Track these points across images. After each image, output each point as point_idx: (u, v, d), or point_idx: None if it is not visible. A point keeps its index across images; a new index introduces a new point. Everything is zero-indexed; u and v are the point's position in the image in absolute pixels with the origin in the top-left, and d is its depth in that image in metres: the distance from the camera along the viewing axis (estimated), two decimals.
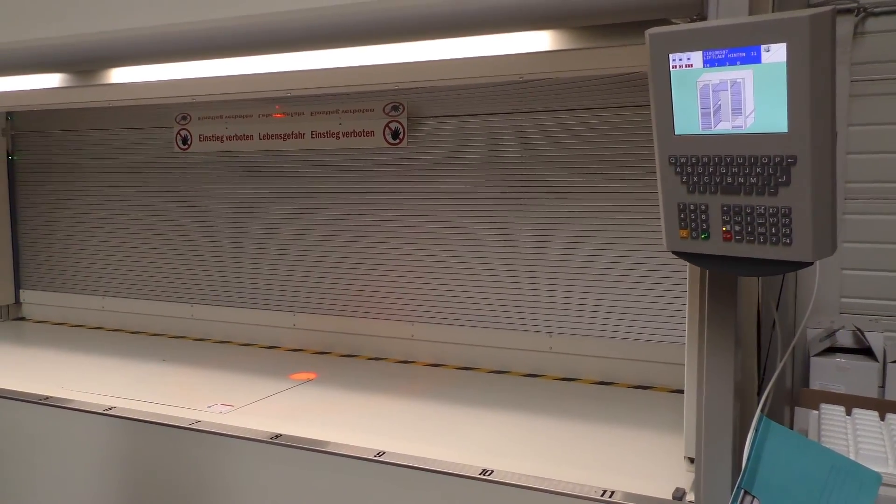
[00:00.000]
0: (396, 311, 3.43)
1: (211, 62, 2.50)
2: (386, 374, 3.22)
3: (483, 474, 2.04)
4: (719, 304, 1.71)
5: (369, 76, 2.88)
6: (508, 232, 3.18)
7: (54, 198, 4.30)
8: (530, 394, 2.92)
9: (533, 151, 3.10)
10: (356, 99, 3.36)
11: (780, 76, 1.32)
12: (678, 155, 1.49)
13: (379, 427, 2.52)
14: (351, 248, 3.50)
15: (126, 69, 2.68)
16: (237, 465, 2.34)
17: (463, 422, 2.59)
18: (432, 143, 3.29)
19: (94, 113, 4.03)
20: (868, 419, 2.13)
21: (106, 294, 4.16)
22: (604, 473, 2.11)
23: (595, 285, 3.05)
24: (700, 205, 1.49)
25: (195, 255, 3.90)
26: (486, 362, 3.27)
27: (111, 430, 2.56)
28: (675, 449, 2.18)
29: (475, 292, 3.26)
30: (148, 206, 4.01)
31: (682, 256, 1.58)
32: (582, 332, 3.08)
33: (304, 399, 2.85)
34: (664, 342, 2.93)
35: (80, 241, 4.24)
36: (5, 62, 2.71)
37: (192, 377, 3.15)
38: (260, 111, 3.58)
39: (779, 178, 1.37)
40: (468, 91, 3.18)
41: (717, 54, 1.38)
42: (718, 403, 1.74)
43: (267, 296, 3.72)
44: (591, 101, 2.97)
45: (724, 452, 1.75)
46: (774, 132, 1.36)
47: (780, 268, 1.46)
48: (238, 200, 3.76)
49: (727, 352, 1.72)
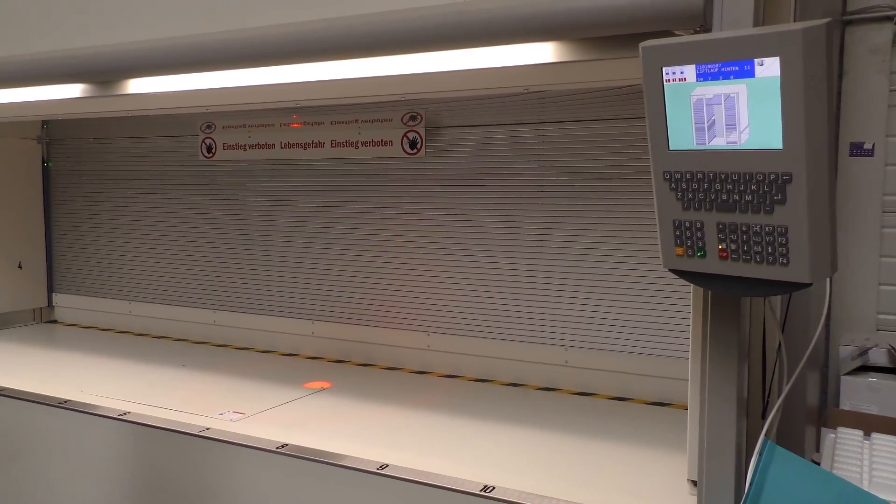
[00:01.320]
0: (413, 321, 3.42)
1: (232, 72, 2.52)
2: (400, 385, 3.21)
3: (484, 491, 2.02)
4: (722, 323, 1.66)
5: (382, 86, 2.89)
6: (525, 243, 3.15)
7: (86, 204, 4.41)
8: (544, 408, 2.88)
9: (550, 162, 3.07)
10: (375, 109, 3.37)
11: (774, 91, 1.27)
12: (673, 171, 1.45)
13: (387, 439, 2.51)
14: (368, 257, 3.51)
15: (149, 79, 2.72)
16: (243, 473, 2.35)
17: (473, 435, 2.57)
18: (450, 153, 3.28)
19: (124, 121, 4.11)
20: (886, 444, 2.04)
21: (133, 299, 4.25)
22: (606, 493, 2.07)
23: (612, 299, 3.00)
24: (695, 222, 1.45)
25: (218, 262, 3.95)
26: (502, 374, 3.23)
27: (124, 434, 2.60)
28: (684, 470, 2.13)
29: (491, 303, 3.24)
30: (174, 213, 4.08)
31: (679, 275, 1.54)
32: (598, 347, 3.03)
33: (316, 408, 2.85)
34: (682, 358, 2.85)
35: (109, 246, 4.34)
36: (39, 72, 2.78)
37: (209, 383, 3.19)
38: (281, 120, 3.62)
39: (774, 196, 1.32)
40: (486, 101, 3.17)
41: (711, 68, 1.34)
42: (721, 424, 1.69)
43: (286, 304, 3.75)
44: (608, 112, 2.93)
45: (727, 476, 1.70)
46: (769, 148, 1.31)
47: (778, 288, 1.41)
48: (260, 209, 3.80)
49: (730, 372, 1.66)
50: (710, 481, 1.72)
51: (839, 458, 1.97)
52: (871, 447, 2.03)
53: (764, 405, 1.90)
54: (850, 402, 2.78)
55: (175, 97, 3.06)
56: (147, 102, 3.25)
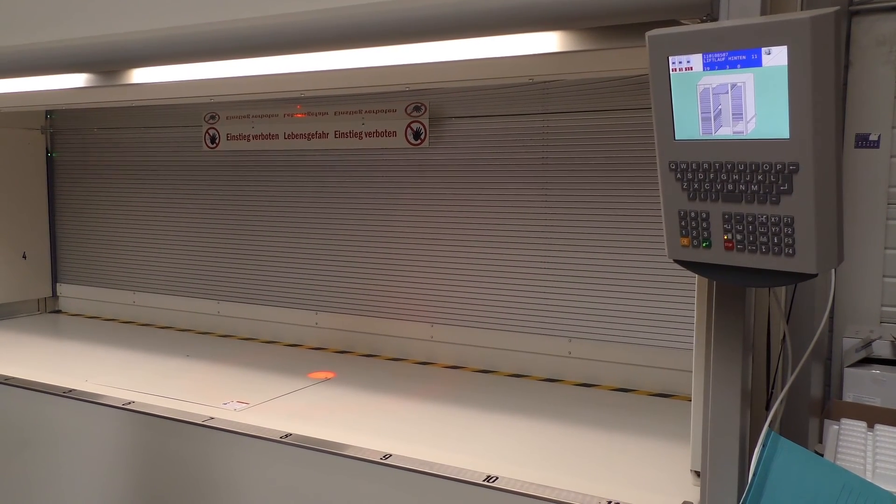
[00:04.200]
0: (417, 311, 3.42)
1: (236, 62, 2.52)
2: (404, 375, 3.22)
3: (487, 481, 2.02)
4: (727, 314, 1.65)
5: (386, 77, 2.88)
6: (529, 234, 3.14)
7: (90, 194, 4.41)
8: (547, 399, 2.88)
9: (554, 153, 3.06)
10: (379, 99, 3.36)
11: (782, 80, 1.26)
12: (678, 161, 1.44)
13: (391, 429, 2.52)
14: (372, 248, 3.51)
15: (153, 69, 2.72)
16: (246, 462, 2.36)
17: (477, 426, 2.57)
18: (454, 144, 3.27)
19: (127, 112, 4.11)
20: (889, 436, 2.04)
21: (137, 289, 4.25)
22: (611, 484, 2.07)
23: (616, 290, 3.00)
24: (701, 212, 1.45)
25: (222, 252, 3.95)
26: (506, 365, 3.24)
27: (128, 424, 2.61)
28: (688, 461, 2.13)
29: (495, 294, 3.24)
30: (178, 203, 4.08)
31: (684, 265, 1.54)
32: (602, 338, 3.03)
33: (320, 398, 2.86)
34: (686, 349, 2.85)
35: (113, 236, 4.34)
36: (43, 61, 2.78)
37: (213, 373, 3.19)
38: (285, 111, 3.61)
39: (780, 187, 1.32)
40: (490, 92, 3.15)
41: (717, 57, 1.33)
42: (724, 416, 1.69)
43: (290, 294, 3.76)
44: (614, 102, 2.91)
45: (731, 467, 1.70)
46: (776, 138, 1.30)
47: (784, 279, 1.40)
48: (264, 199, 3.80)
49: (734, 363, 1.66)
50: (714, 472, 1.72)
51: (842, 449, 1.97)
52: (875, 439, 2.03)
53: (768, 396, 1.90)
54: (853, 394, 2.78)
55: (179, 87, 3.06)
56: (151, 92, 3.25)
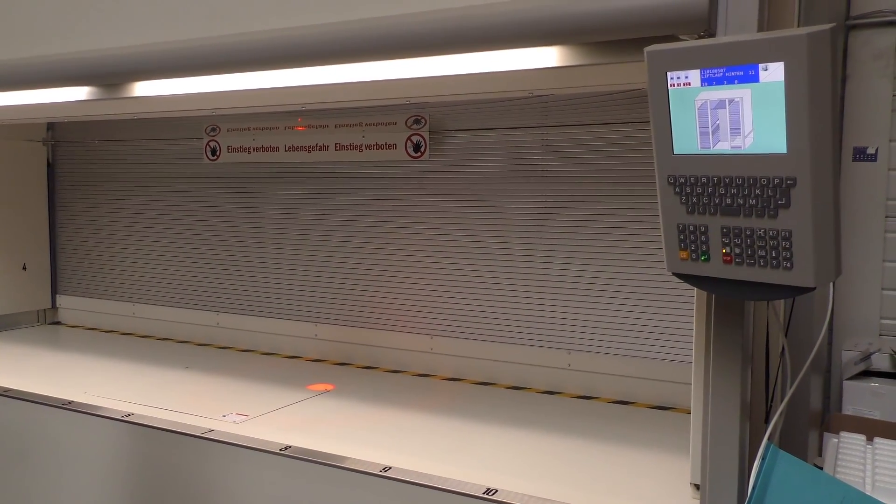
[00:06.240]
0: (416, 323, 3.42)
1: (237, 76, 2.53)
2: (403, 387, 3.22)
3: (487, 493, 2.02)
4: (726, 327, 1.66)
5: (386, 90, 2.89)
6: (529, 246, 3.15)
7: (90, 206, 4.42)
8: (547, 411, 2.88)
9: (554, 166, 3.07)
10: (379, 112, 3.38)
11: (779, 96, 1.28)
12: (677, 175, 1.46)
13: (390, 441, 2.51)
14: (372, 260, 3.52)
15: (154, 82, 2.74)
16: (245, 474, 2.36)
17: (476, 438, 2.57)
18: (453, 157, 3.28)
19: (128, 124, 4.13)
20: (889, 449, 2.04)
21: (137, 301, 4.25)
22: (611, 496, 2.07)
23: (615, 302, 3.00)
24: (700, 226, 1.46)
25: (221, 264, 3.96)
26: (505, 377, 3.24)
27: (128, 436, 2.61)
28: (687, 474, 2.13)
29: (494, 307, 3.24)
30: (178, 215, 4.09)
31: (682, 278, 1.55)
32: (601, 350, 3.03)
33: (320, 410, 2.86)
34: (685, 362, 2.86)
35: (113, 248, 4.35)
36: (45, 74, 2.80)
37: (212, 385, 3.19)
38: (285, 124, 3.63)
39: (778, 201, 1.33)
40: (489, 105, 3.17)
41: (715, 73, 1.35)
42: (724, 428, 1.69)
43: (290, 306, 3.76)
44: (613, 116, 2.93)
45: (730, 480, 1.70)
46: (773, 153, 1.32)
47: (782, 292, 1.41)
48: (264, 211, 3.81)
49: (733, 375, 1.67)
50: (713, 485, 1.72)
51: (842, 462, 1.97)
52: (874, 452, 2.04)
53: (767, 409, 1.91)
54: (852, 407, 2.78)
55: (180, 100, 3.07)
56: (152, 105, 3.26)
